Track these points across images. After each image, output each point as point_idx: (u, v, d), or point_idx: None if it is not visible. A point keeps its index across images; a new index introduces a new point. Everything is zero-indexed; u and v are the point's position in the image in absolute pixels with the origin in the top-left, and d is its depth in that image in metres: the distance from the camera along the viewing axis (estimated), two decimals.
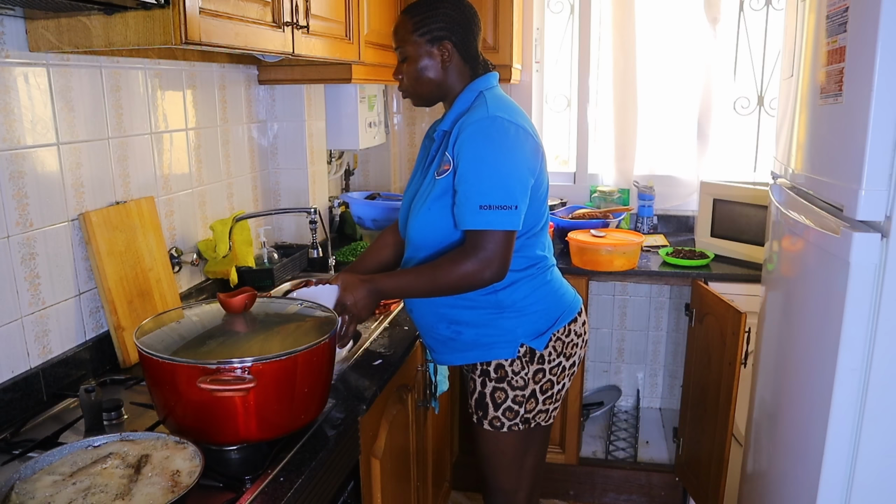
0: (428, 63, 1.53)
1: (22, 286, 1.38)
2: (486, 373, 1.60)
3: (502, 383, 1.59)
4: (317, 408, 1.28)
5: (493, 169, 1.42)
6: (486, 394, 1.61)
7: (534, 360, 1.58)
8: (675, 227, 3.08)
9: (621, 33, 2.96)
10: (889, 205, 1.19)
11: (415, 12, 1.52)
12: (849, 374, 1.26)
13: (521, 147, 1.46)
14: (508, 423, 1.61)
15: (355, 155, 3.11)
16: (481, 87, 1.55)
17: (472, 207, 1.42)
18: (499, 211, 1.41)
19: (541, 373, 1.59)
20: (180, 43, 1.20)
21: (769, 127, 2.96)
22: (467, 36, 1.53)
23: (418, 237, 1.57)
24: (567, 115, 3.17)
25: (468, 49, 1.55)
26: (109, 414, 1.33)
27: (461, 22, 1.52)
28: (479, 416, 1.64)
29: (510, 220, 1.42)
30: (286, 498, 1.10)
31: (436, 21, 1.50)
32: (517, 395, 1.59)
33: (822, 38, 1.39)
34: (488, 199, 1.41)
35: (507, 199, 1.42)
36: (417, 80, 1.55)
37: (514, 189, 1.43)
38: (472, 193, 1.42)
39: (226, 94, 2.09)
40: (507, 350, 1.57)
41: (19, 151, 1.35)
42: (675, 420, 2.75)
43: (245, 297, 1.31)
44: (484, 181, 1.42)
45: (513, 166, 1.44)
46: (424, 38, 1.51)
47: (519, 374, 1.58)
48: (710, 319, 2.30)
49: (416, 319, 1.68)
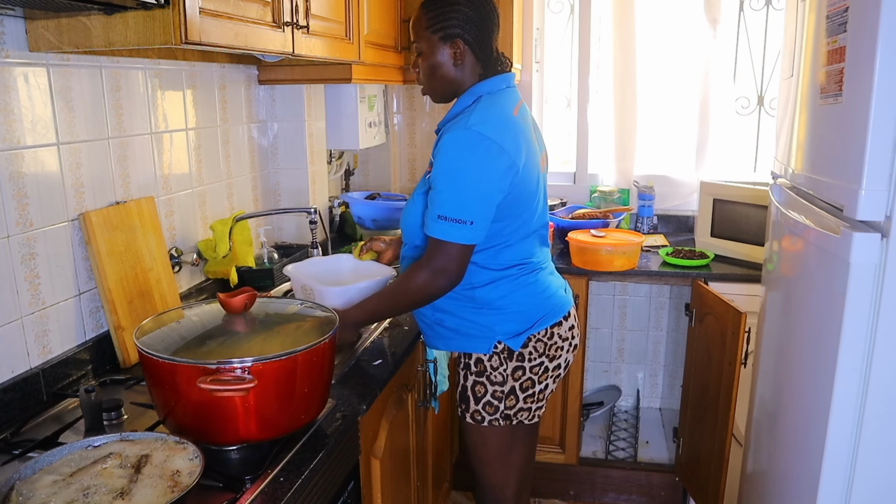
0: (440, 60, 1.54)
1: (22, 286, 1.38)
2: (467, 366, 1.65)
3: (482, 377, 1.63)
4: (317, 408, 1.28)
5: (455, 182, 1.45)
6: (468, 387, 1.65)
7: (512, 358, 1.61)
8: (675, 227, 3.08)
9: (621, 33, 2.96)
10: (889, 205, 1.19)
11: (431, 7, 1.53)
12: (849, 374, 1.26)
13: (490, 164, 1.45)
14: (489, 418, 1.65)
15: (355, 155, 3.11)
16: (483, 90, 1.55)
17: (432, 215, 1.47)
18: (454, 224, 1.45)
19: (520, 370, 1.62)
20: (180, 43, 1.20)
21: (769, 127, 2.96)
22: (482, 34, 1.53)
23: (406, 230, 1.64)
24: (567, 115, 3.17)
25: (482, 48, 1.54)
26: (109, 414, 1.33)
27: (476, 20, 1.52)
28: (462, 409, 1.69)
29: (463, 234, 1.45)
30: (286, 498, 1.10)
31: (450, 18, 1.50)
32: (496, 391, 1.63)
33: (822, 38, 1.39)
34: (445, 210, 1.45)
35: (463, 213, 1.44)
36: (431, 77, 1.57)
37: (472, 205, 1.45)
38: (434, 202, 1.47)
39: (226, 94, 2.09)
40: (483, 345, 1.61)
41: (19, 151, 1.35)
42: (675, 420, 2.75)
43: (245, 297, 1.31)
44: (444, 193, 1.46)
45: (476, 182, 1.45)
46: (437, 34, 1.52)
47: (497, 369, 1.61)
48: (710, 319, 2.30)
49: None
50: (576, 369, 2.59)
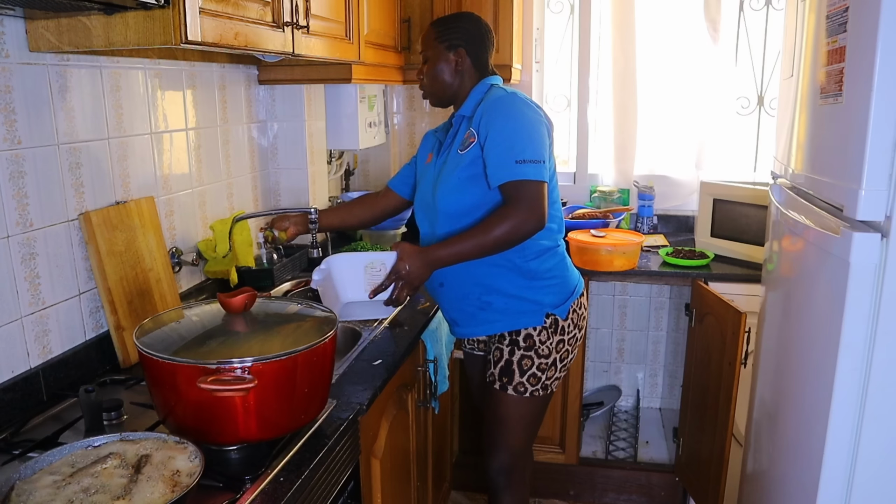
0: (444, 66, 1.77)
1: (22, 286, 1.38)
2: (514, 342, 1.77)
3: (530, 352, 1.77)
4: (317, 408, 1.28)
5: (521, 129, 1.62)
6: (514, 361, 1.77)
7: (557, 331, 1.77)
8: (675, 227, 3.08)
9: (621, 33, 2.96)
10: (889, 205, 1.19)
11: (440, 24, 1.79)
12: (849, 374, 1.26)
13: (538, 121, 1.67)
14: (531, 389, 1.79)
15: (355, 155, 3.11)
16: (491, 82, 1.78)
17: (508, 163, 1.60)
18: (532, 164, 1.59)
19: (561, 343, 1.79)
20: (180, 43, 1.20)
21: (769, 127, 2.95)
22: (480, 47, 1.78)
23: (451, 206, 1.72)
24: (567, 115, 3.17)
25: (479, 58, 1.78)
26: (109, 414, 1.33)
27: (476, 35, 1.77)
28: (503, 383, 1.79)
29: (541, 171, 1.61)
30: (286, 498, 1.10)
31: (455, 32, 1.76)
32: (541, 363, 1.77)
33: (822, 38, 1.39)
34: (522, 154, 1.60)
35: (537, 154, 1.61)
36: (434, 80, 1.79)
37: (539, 146, 1.63)
38: (507, 151, 1.61)
39: (226, 94, 2.09)
40: (536, 318, 1.75)
41: (19, 151, 1.35)
42: (675, 420, 2.75)
43: (245, 297, 1.31)
44: (516, 140, 1.61)
45: (534, 129, 1.64)
46: (443, 44, 1.76)
47: (545, 343, 1.77)
48: (710, 319, 2.30)
49: (444, 293, 1.82)
50: (576, 369, 2.59)
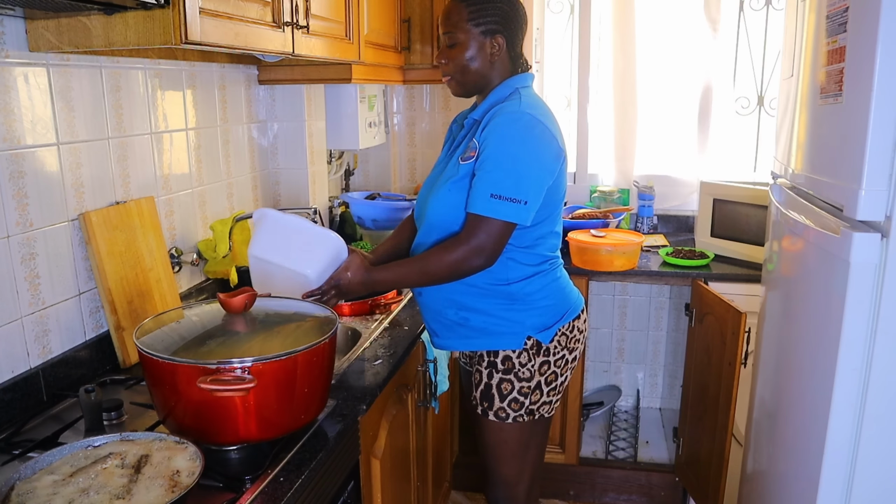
0: (477, 54, 1.55)
1: (22, 286, 1.38)
2: (493, 364, 1.63)
3: (509, 375, 1.62)
4: (317, 408, 1.28)
5: (512, 162, 1.46)
6: (493, 385, 1.64)
7: (540, 353, 1.62)
8: (675, 227, 3.08)
9: (621, 33, 2.96)
10: (889, 205, 1.19)
11: (470, 1, 1.53)
12: (849, 374, 1.26)
13: (545, 147, 1.50)
14: (513, 415, 1.64)
15: (355, 155, 3.11)
16: (518, 84, 1.58)
17: (483, 194, 1.46)
18: (507, 202, 1.45)
19: (546, 365, 1.63)
20: (180, 43, 1.20)
21: (769, 127, 2.95)
22: (517, 33, 1.57)
23: (435, 217, 1.58)
24: (567, 115, 3.17)
25: (515, 46, 1.58)
26: (109, 414, 1.33)
27: (514, 18, 1.55)
28: (484, 408, 1.66)
29: (515, 213, 1.46)
30: (286, 498, 1.10)
31: (491, 14, 1.52)
32: (523, 387, 1.63)
33: (822, 38, 1.39)
34: (501, 189, 1.45)
35: (518, 193, 1.45)
36: (464, 70, 1.57)
37: (528, 185, 1.47)
38: (487, 181, 1.46)
39: (226, 94, 2.09)
40: (514, 341, 1.61)
41: (19, 151, 1.35)
42: (675, 420, 2.75)
43: (245, 297, 1.31)
44: (500, 171, 1.45)
45: (531, 163, 1.47)
46: (479, 28, 1.53)
47: (525, 365, 1.62)
48: (710, 319, 2.30)
49: (423, 303, 1.70)
50: (576, 369, 2.58)
